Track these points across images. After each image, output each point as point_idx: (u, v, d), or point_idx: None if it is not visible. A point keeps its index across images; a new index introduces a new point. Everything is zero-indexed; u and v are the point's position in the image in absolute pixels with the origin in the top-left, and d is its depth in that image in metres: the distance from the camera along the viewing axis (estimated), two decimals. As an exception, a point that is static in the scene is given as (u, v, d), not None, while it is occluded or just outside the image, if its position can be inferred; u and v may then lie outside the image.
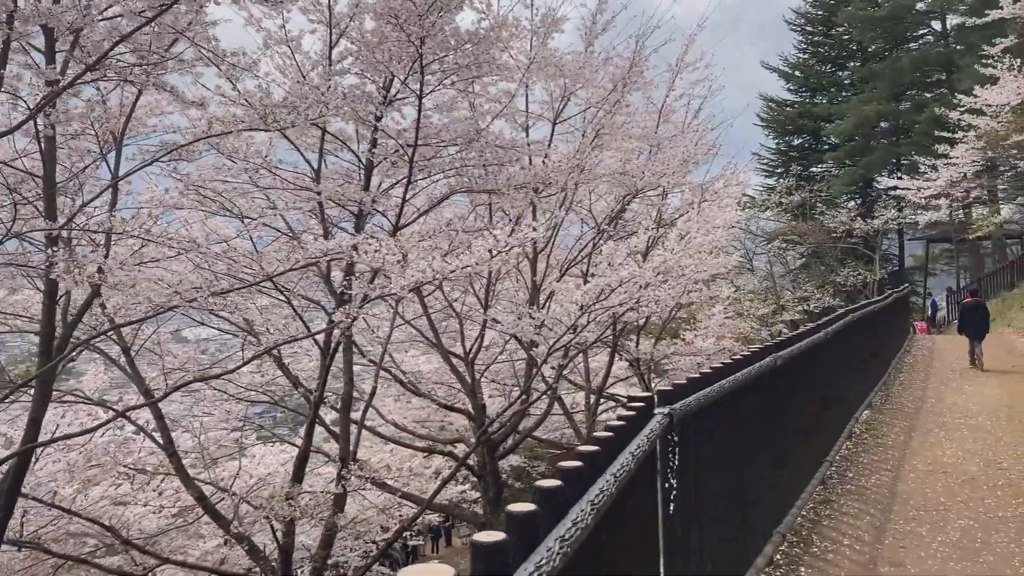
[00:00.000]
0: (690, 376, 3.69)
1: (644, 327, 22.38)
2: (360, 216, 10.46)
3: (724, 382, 3.80)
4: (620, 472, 2.19)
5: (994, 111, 25.63)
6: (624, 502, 2.25)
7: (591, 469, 2.14)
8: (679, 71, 15.96)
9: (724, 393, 3.75)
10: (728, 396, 3.85)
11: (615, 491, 2.10)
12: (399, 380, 15.61)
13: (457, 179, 9.77)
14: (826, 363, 6.79)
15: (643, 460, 2.47)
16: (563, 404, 20.09)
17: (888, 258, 40.50)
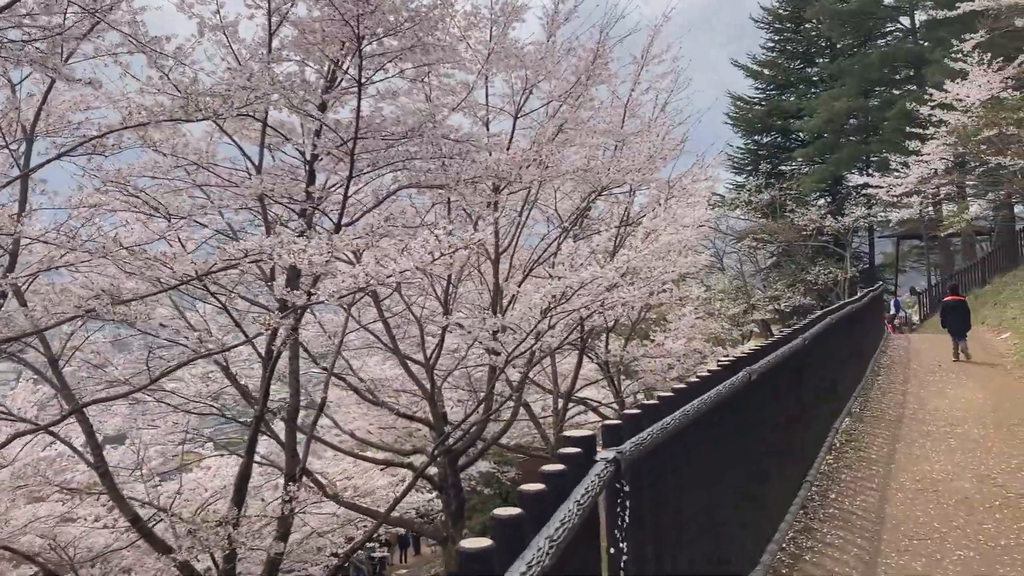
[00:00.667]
0: (645, 403, 2.99)
1: (613, 328, 21.77)
2: (303, 215, 9.71)
3: (688, 408, 3.11)
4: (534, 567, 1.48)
5: (964, 106, 25.27)
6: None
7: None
8: (645, 63, 15.33)
9: (688, 421, 3.05)
10: (693, 424, 3.15)
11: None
12: (354, 388, 14.86)
13: (406, 174, 9.03)
14: (806, 371, 6.14)
15: (574, 534, 1.76)
16: (530, 410, 19.45)
17: (859, 256, 40.24)
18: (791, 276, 35.44)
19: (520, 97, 12.92)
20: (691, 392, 3.43)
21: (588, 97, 13.05)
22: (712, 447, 3.70)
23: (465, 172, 8.54)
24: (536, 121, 13.75)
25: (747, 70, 43.95)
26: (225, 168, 10.00)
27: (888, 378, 11.96)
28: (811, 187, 38.90)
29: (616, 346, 22.20)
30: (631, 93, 15.38)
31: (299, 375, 11.82)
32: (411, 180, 8.89)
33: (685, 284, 31.97)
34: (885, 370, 12.80)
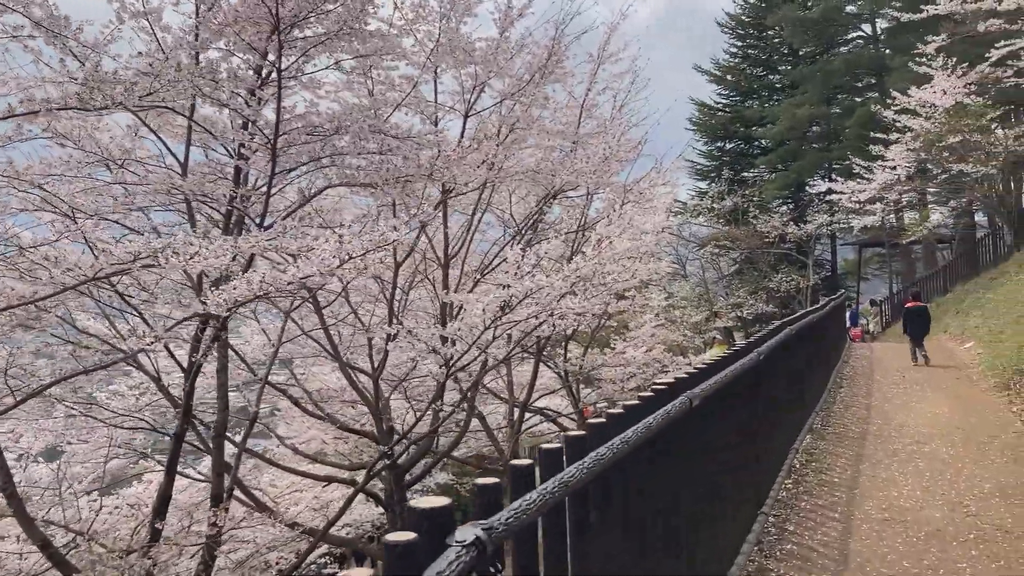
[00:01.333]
0: (547, 447, 2.33)
1: (573, 336, 21.21)
2: (228, 216, 8.97)
3: (603, 451, 2.45)
4: None
5: (928, 112, 25.06)
6: None
7: None
8: (601, 62, 14.74)
9: (602, 468, 2.39)
10: (614, 467, 2.51)
11: None
12: (294, 400, 14.12)
13: (336, 171, 8.32)
14: (762, 389, 5.54)
15: None
16: (484, 421, 18.80)
17: (821, 263, 40.08)
18: (753, 283, 35.14)
19: (470, 95, 12.30)
20: (610, 427, 2.78)
21: (542, 96, 12.43)
22: (641, 490, 3.06)
23: (401, 170, 7.84)
24: (487, 121, 13.12)
25: (710, 75, 43.71)
26: (151, 166, 9.29)
27: (851, 390, 11.43)
28: (774, 194, 38.68)
29: (576, 354, 21.66)
30: (587, 93, 14.79)
31: (227, 388, 11.05)
32: (341, 178, 8.19)
33: (647, 291, 31.63)
34: (848, 381, 12.29)
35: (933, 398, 10.59)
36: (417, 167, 7.74)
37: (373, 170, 7.97)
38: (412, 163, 7.82)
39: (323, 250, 5.38)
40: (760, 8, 42.19)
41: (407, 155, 8.06)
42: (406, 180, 8.11)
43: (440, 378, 9.83)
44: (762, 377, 5.47)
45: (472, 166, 11.89)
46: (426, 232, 15.00)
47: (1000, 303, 17.00)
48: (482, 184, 14.02)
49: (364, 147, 7.74)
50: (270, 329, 14.89)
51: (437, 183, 13.10)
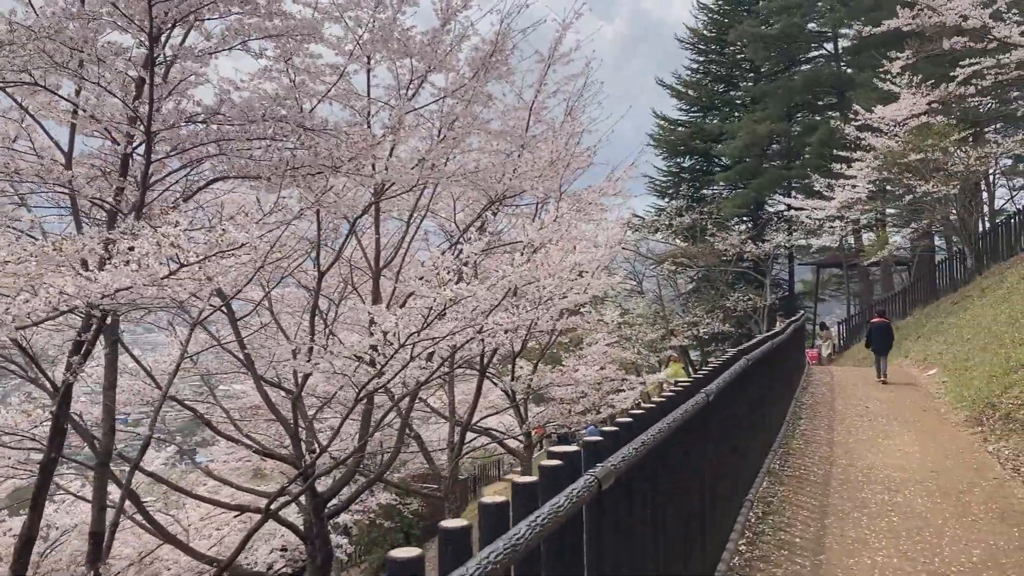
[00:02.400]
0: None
1: (521, 352, 20.11)
2: (113, 214, 7.75)
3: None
4: None
5: (891, 130, 24.45)
6: None
7: None
8: (552, 62, 13.71)
9: None
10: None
11: None
12: (204, 419, 12.85)
13: (223, 161, 7.13)
14: (712, 435, 4.48)
15: None
16: (421, 442, 17.64)
17: (778, 283, 39.47)
18: (710, 302, 34.34)
19: (407, 90, 11.20)
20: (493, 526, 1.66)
21: (484, 93, 11.35)
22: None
23: (294, 160, 6.67)
24: (426, 119, 11.98)
25: (672, 90, 43.04)
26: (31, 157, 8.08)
27: (812, 423, 10.43)
28: (732, 211, 38.00)
29: (526, 371, 20.63)
30: (536, 95, 13.76)
31: (115, 409, 9.79)
32: (230, 169, 6.99)
33: (603, 307, 30.67)
34: (808, 412, 11.30)
35: (901, 434, 9.63)
36: (314, 156, 6.56)
37: (265, 161, 6.80)
38: (307, 154, 6.65)
39: (143, 255, 4.18)
40: (721, 23, 41.66)
41: (310, 146, 6.90)
42: (308, 173, 6.94)
43: (350, 402, 8.66)
44: (711, 421, 4.40)
45: (406, 165, 10.81)
46: (359, 239, 13.87)
47: (964, 328, 16.21)
48: (419, 187, 12.94)
49: (254, 132, 6.56)
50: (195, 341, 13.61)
51: (360, 181, 11.99)
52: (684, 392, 3.78)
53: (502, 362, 19.90)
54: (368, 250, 12.92)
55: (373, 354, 7.88)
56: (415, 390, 12.66)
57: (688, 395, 3.78)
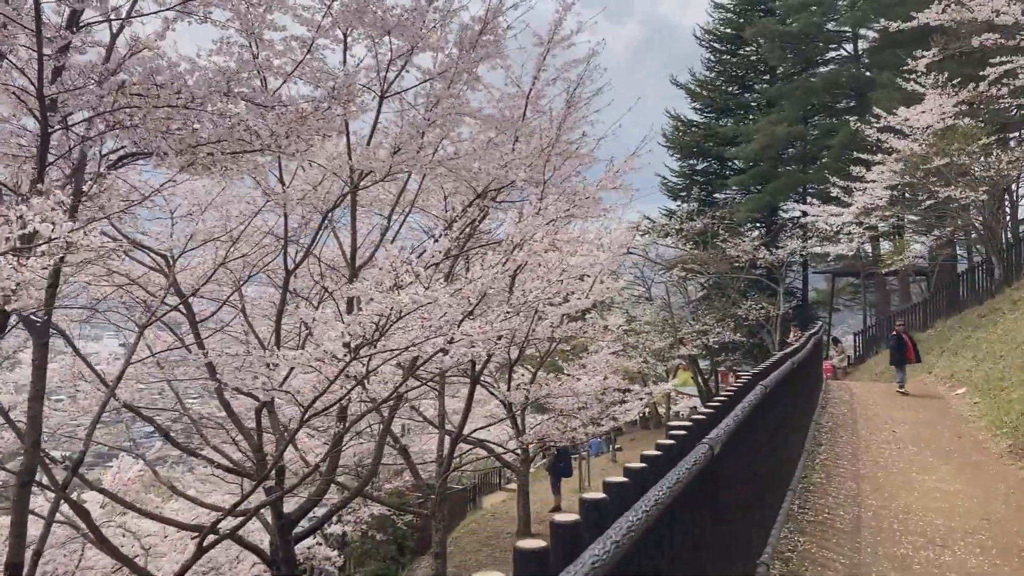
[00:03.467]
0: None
1: (518, 360, 18.93)
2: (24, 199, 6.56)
3: None
4: None
5: (915, 132, 23.15)
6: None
7: None
8: (551, 46, 12.48)
9: None
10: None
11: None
12: (162, 430, 11.67)
13: (132, 134, 5.93)
14: (719, 495, 3.30)
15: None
16: (407, 456, 16.44)
17: (792, 292, 38.12)
18: (721, 310, 33.02)
19: (386, 71, 10.03)
20: None
21: (472, 75, 10.17)
22: None
23: (226, 136, 5.47)
24: (410, 104, 10.78)
25: (686, 89, 41.79)
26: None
27: (833, 450, 9.19)
28: (745, 216, 36.67)
29: (524, 380, 19.48)
30: (534, 82, 12.52)
31: (41, 420, 8.59)
32: (138, 144, 5.79)
33: (609, 312, 29.49)
34: (828, 437, 10.05)
35: (938, 466, 8.38)
36: (228, 131, 5.35)
37: (189, 134, 5.60)
38: (239, 127, 5.44)
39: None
40: (737, 23, 40.40)
41: (237, 122, 5.70)
42: (231, 152, 5.75)
43: (293, 425, 7.46)
44: (718, 480, 3.20)
45: (375, 152, 9.67)
46: (337, 236, 12.71)
47: (995, 344, 14.91)
48: (399, 178, 11.77)
49: (166, 101, 5.37)
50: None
51: (333, 170, 10.83)
52: (711, 418, 2.59)
53: (500, 369, 18.71)
54: (346, 247, 11.74)
55: (313, 366, 6.71)
56: (393, 406, 11.50)
57: (688, 444, 2.60)
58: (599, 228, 18.89)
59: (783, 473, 6.40)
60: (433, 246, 6.99)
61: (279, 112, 5.53)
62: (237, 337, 13.10)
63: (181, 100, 5.15)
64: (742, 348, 35.05)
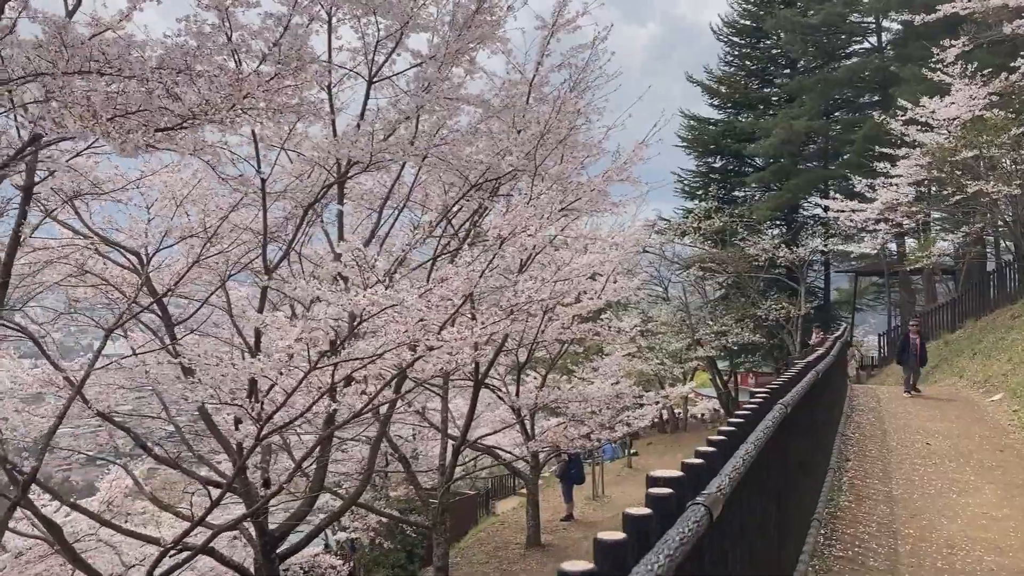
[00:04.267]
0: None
1: (527, 363, 18.11)
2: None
3: None
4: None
5: (942, 124, 22.11)
6: None
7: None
8: (555, 30, 11.63)
9: None
10: None
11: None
12: (137, 439, 10.94)
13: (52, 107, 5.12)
14: (730, 536, 2.48)
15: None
16: (407, 465, 15.72)
17: (813, 291, 37.04)
18: (740, 310, 32.03)
19: (375, 54, 9.28)
20: None
21: (466, 58, 9.37)
22: None
23: (144, 102, 4.66)
24: (405, 91, 9.98)
25: (703, 86, 40.74)
26: None
27: (862, 466, 8.29)
28: (765, 214, 35.63)
29: (533, 383, 18.66)
30: (537, 68, 11.68)
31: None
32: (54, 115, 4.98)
33: (625, 313, 28.58)
34: (856, 450, 9.15)
35: (981, 486, 7.48)
36: (146, 96, 4.53)
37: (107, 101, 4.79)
38: (139, 92, 4.62)
39: None
40: (757, 15, 39.33)
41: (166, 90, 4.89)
42: (166, 128, 4.94)
43: (248, 438, 6.66)
44: (724, 539, 2.37)
45: (359, 139, 8.89)
46: (327, 232, 11.95)
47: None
48: (390, 169, 10.99)
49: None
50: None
51: (318, 160, 10.04)
52: (663, 506, 1.77)
53: (509, 372, 17.90)
54: (335, 244, 10.94)
55: (278, 377, 5.91)
56: (387, 414, 10.73)
57: (677, 501, 1.79)
58: (613, 226, 18.08)
59: (805, 505, 5.52)
60: (402, 239, 6.17)
61: (212, 75, 4.72)
62: (227, 340, 12.33)
63: (96, 66, 4.36)
64: (762, 349, 34.06)
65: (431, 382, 16.64)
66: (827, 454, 7.56)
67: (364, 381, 6.72)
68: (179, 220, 10.69)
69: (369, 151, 8.29)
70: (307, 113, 7.47)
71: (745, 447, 2.71)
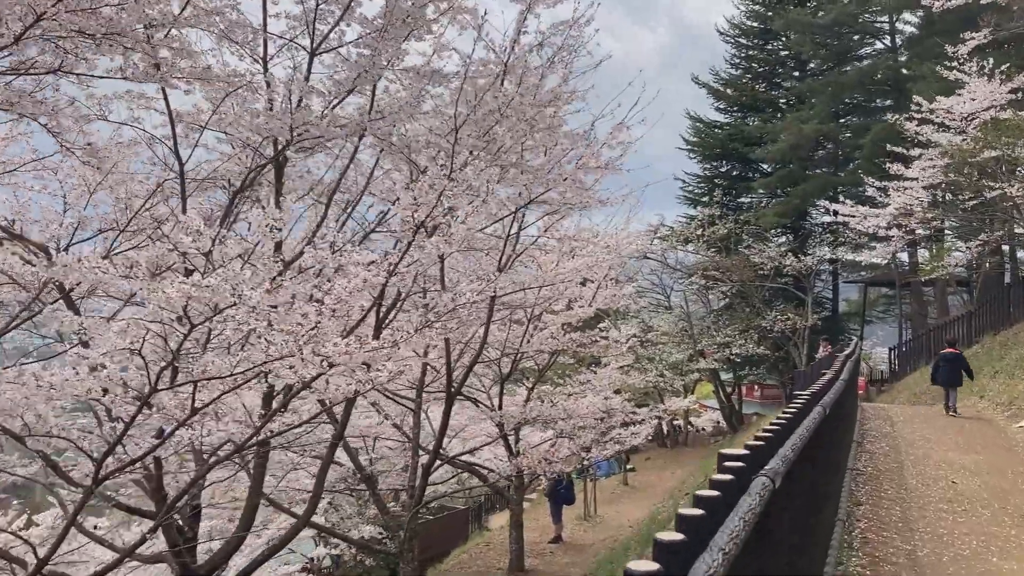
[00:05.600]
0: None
1: (510, 375, 16.76)
2: None
3: None
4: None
5: (960, 125, 20.68)
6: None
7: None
8: (533, 3, 10.28)
9: None
10: None
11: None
12: (47, 460, 9.52)
13: None
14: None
15: None
16: (372, 485, 14.43)
17: (821, 302, 35.61)
18: (745, 321, 30.64)
19: (314, 22, 7.97)
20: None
21: (423, 25, 8.06)
22: None
23: None
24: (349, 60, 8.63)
25: (709, 88, 39.33)
26: None
27: (876, 514, 6.85)
28: (772, 221, 34.21)
29: (517, 396, 17.35)
30: (513, 46, 10.31)
31: None
32: None
33: (624, 322, 27.25)
34: (869, 491, 7.71)
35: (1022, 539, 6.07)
36: None
37: None
38: None
39: None
40: (765, 16, 37.96)
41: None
42: None
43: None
44: None
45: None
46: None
47: (1064, 366, 12.49)
48: (333, 152, 9.66)
49: None
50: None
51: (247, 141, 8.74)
52: None
53: (495, 383, 16.63)
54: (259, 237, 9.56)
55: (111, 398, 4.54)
56: (337, 433, 9.28)
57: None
58: (607, 228, 16.69)
59: (809, 559, 4.07)
60: (260, 215, 4.80)
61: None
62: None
63: None
64: (767, 362, 32.63)
65: (400, 394, 15.35)
66: (835, 502, 6.14)
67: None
68: (99, 210, 9.45)
69: (288, 125, 6.94)
70: (227, 83, 6.25)
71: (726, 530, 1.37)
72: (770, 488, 2.20)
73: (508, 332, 15.33)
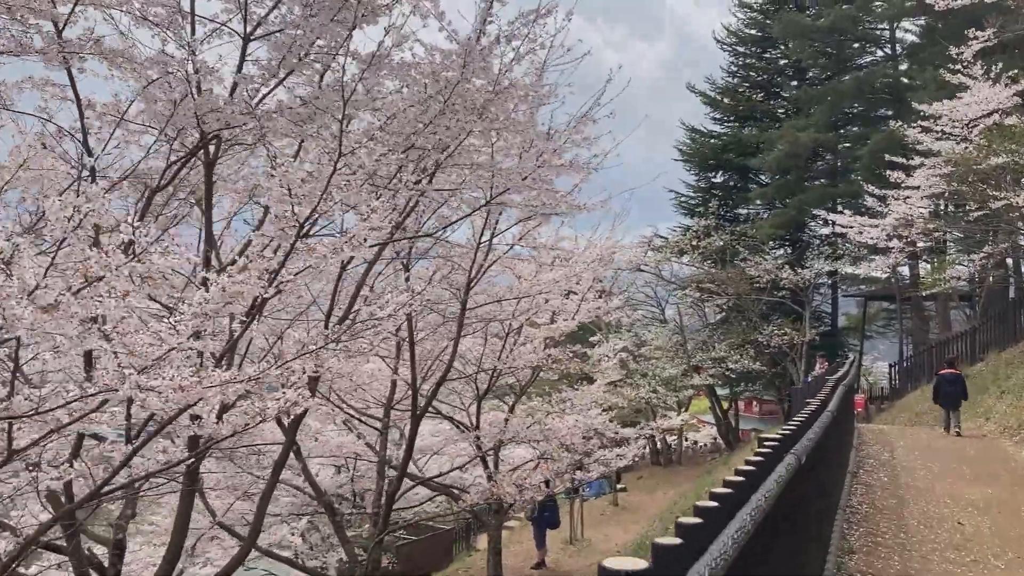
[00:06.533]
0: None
1: (487, 392, 15.79)
2: None
3: None
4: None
5: (962, 132, 19.78)
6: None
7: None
8: (498, -12, 9.34)
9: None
10: None
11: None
12: None
13: None
14: None
15: None
16: (333, 513, 13.48)
17: (819, 316, 34.64)
18: (741, 335, 29.67)
19: (246, 4, 7.05)
20: None
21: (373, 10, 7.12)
22: None
23: None
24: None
25: (705, 96, 38.48)
26: None
27: (871, 565, 5.78)
28: (769, 233, 33.28)
29: (498, 414, 16.40)
30: (478, 36, 9.39)
31: None
32: None
33: (617, 335, 26.34)
34: (863, 534, 6.72)
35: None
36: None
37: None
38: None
39: None
40: (763, 23, 37.14)
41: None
42: None
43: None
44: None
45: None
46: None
47: (1077, 387, 11.51)
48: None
49: None
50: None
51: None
52: None
53: (473, 401, 15.68)
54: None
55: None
56: (278, 461, 8.23)
57: None
58: (591, 238, 15.81)
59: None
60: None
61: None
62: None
63: None
64: (763, 377, 31.63)
65: (368, 412, 14.42)
66: (823, 548, 5.16)
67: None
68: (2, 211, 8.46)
69: (194, 111, 6.00)
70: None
71: None
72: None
73: (485, 347, 14.46)
